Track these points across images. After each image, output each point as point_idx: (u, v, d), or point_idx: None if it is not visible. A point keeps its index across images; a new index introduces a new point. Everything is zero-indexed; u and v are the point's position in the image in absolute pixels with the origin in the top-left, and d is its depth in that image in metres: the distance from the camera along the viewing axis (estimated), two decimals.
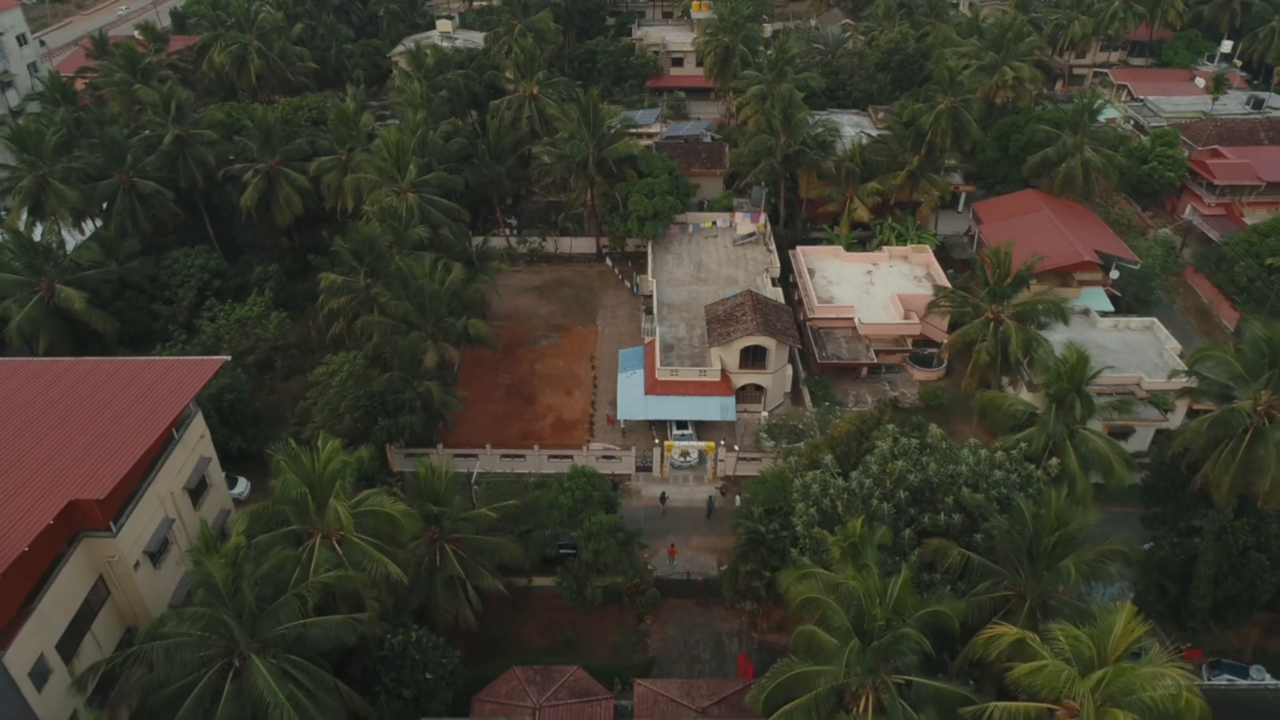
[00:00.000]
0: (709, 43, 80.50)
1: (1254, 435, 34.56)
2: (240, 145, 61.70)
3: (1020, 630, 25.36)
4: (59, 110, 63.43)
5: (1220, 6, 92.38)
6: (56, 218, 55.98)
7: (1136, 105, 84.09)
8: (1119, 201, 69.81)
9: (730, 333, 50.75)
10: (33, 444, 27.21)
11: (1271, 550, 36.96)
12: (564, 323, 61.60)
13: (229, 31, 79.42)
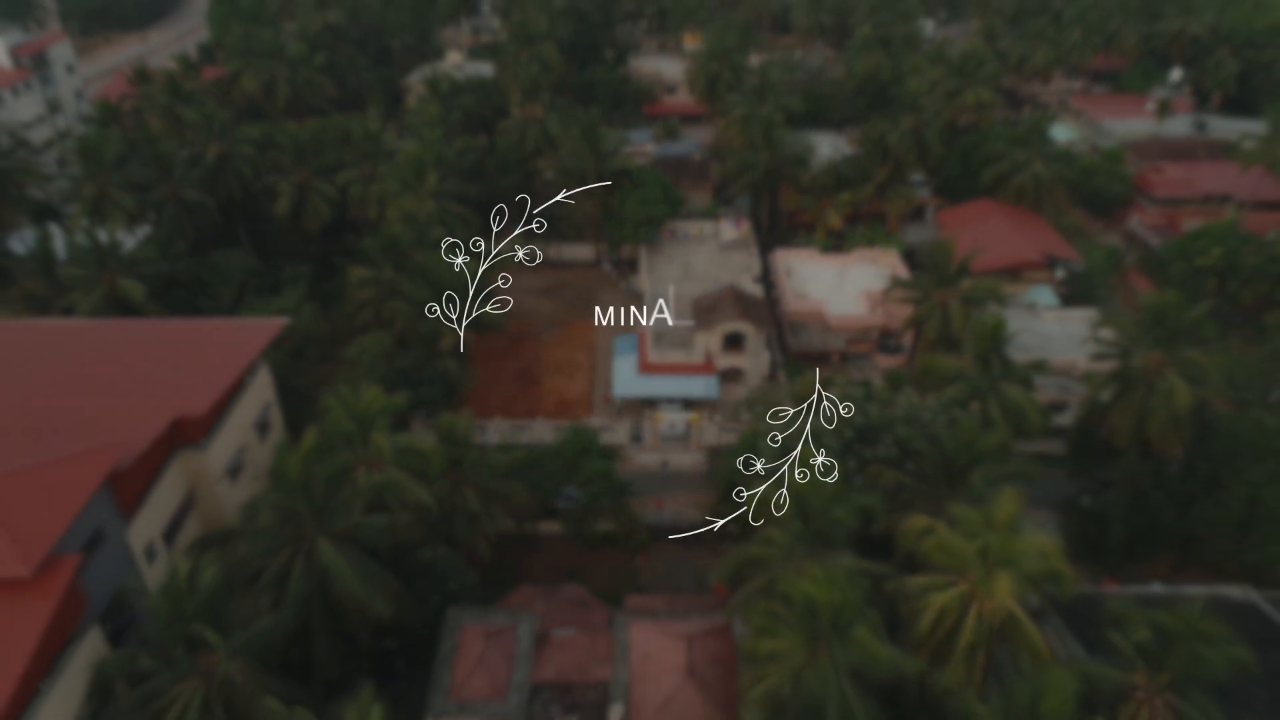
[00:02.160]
0: (698, 70, 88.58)
1: (1147, 387, 41.36)
2: (274, 160, 69.20)
3: (931, 519, 31.98)
4: (112, 129, 70.89)
5: (1171, 39, 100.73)
6: (112, 221, 63.06)
7: (1092, 127, 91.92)
8: (1071, 211, 77.24)
9: (713, 320, 57.74)
10: (144, 378, 33.99)
11: (1169, 490, 43.66)
12: (566, 318, 68.66)
13: (260, 61, 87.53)
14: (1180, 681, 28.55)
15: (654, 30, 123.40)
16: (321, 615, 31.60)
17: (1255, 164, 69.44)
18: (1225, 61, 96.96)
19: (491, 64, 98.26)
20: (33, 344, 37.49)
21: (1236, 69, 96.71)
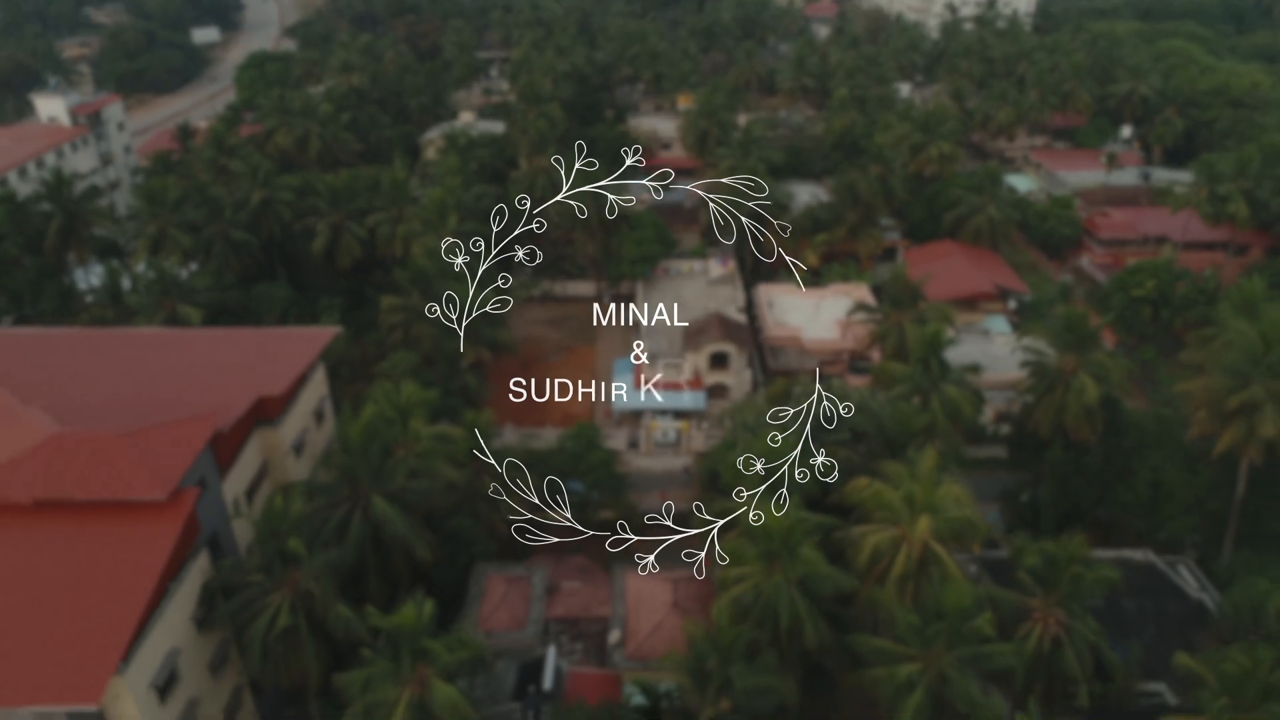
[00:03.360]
0: (690, 127, 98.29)
1: (1063, 386, 49.25)
2: (311, 204, 78.05)
3: (871, 479, 39.52)
4: (170, 177, 79.89)
5: (1122, 100, 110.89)
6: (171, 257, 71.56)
7: (1049, 178, 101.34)
8: (1026, 250, 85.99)
9: (701, 341, 65.83)
10: (232, 369, 41.83)
11: (1088, 477, 51.18)
12: (570, 345, 76.78)
13: (294, 119, 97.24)
14: (1066, 599, 35.86)
15: (650, 92, 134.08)
16: (374, 557, 38.97)
17: (1184, 207, 78.29)
18: (1172, 119, 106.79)
19: (501, 122, 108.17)
20: (144, 343, 45.66)
21: (1182, 126, 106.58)
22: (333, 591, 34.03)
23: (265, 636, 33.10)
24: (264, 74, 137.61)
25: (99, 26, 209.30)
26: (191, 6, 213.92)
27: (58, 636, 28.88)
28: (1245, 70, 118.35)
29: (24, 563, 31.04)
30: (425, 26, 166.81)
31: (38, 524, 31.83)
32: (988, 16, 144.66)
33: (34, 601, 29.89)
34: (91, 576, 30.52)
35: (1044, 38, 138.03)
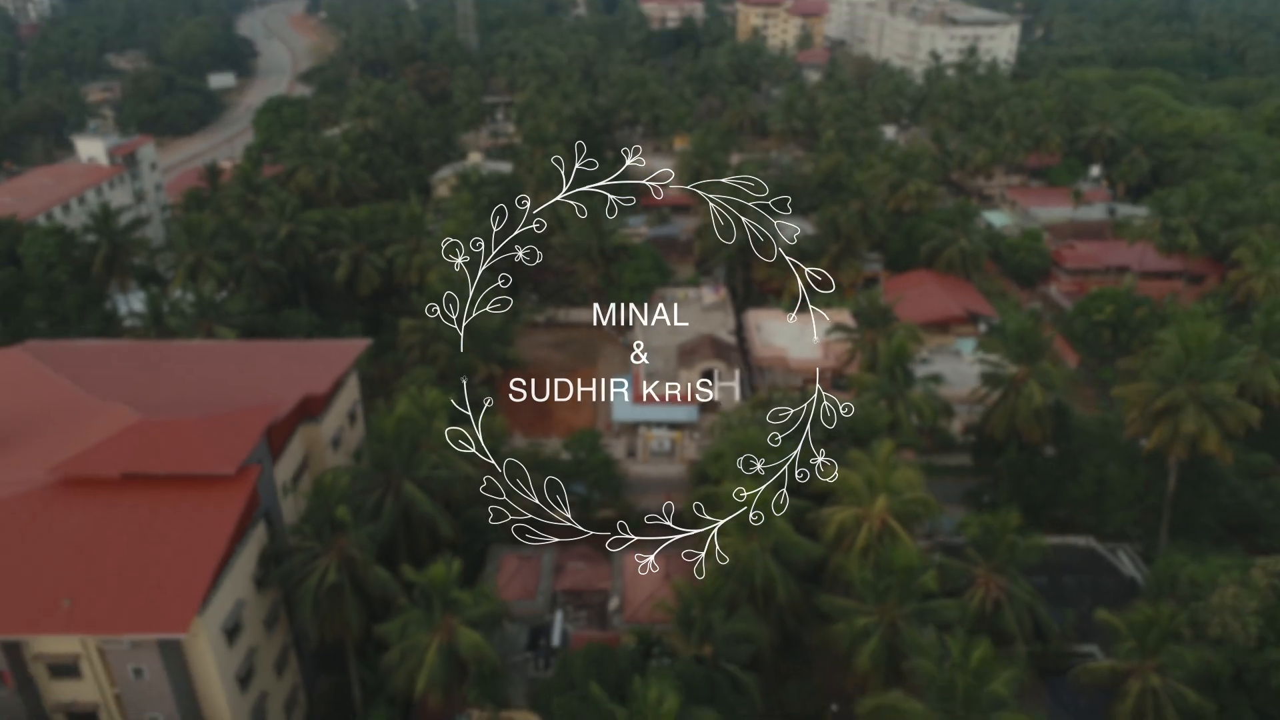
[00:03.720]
0: (685, 166, 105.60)
1: (1015, 392, 55.38)
2: (334, 237, 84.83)
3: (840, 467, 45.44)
4: (205, 212, 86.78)
5: (1091, 141, 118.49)
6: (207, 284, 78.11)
7: (1022, 214, 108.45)
8: (998, 279, 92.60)
9: (693, 360, 72.08)
10: (281, 372, 47.96)
11: (1040, 476, 57.05)
12: (573, 366, 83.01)
13: (315, 159, 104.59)
14: (1004, 565, 41.61)
15: (649, 134, 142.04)
16: (403, 534, 44.81)
17: (1140, 239, 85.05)
18: (1138, 159, 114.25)
19: (508, 163, 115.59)
20: (198, 352, 52.04)
21: (1148, 165, 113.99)
22: (372, 556, 39.86)
23: (315, 592, 38.81)
24: (281, 117, 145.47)
25: (119, 72, 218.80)
26: (208, 53, 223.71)
27: (149, 584, 34.68)
28: (1208, 114, 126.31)
29: (116, 525, 36.89)
30: (434, 72, 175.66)
31: (126, 493, 37.75)
32: (969, 64, 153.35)
33: (127, 556, 35.72)
34: (174, 536, 36.38)
35: (1021, 84, 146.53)
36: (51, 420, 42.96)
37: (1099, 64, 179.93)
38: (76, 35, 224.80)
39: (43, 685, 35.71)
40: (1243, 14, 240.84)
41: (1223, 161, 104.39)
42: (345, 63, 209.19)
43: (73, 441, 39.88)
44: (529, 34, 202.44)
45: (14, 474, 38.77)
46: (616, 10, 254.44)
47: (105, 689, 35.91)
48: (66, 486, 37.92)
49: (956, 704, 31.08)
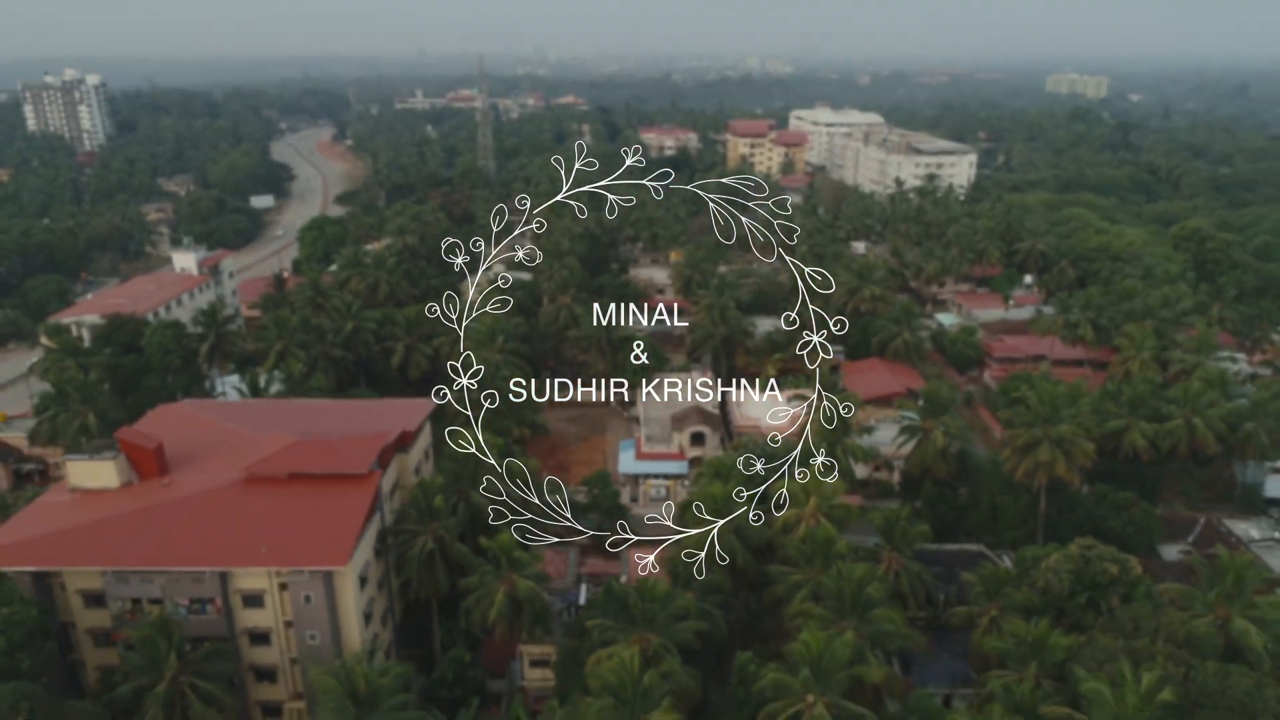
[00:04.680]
0: (678, 275, 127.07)
1: (924, 437, 74.12)
2: (389, 331, 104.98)
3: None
4: (284, 310, 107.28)
5: (1026, 254, 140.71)
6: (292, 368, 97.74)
7: (965, 315, 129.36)
8: (940, 366, 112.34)
9: (684, 424, 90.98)
10: (383, 417, 66.96)
11: (948, 503, 75.08)
12: (586, 435, 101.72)
13: (365, 269, 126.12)
14: (899, 544, 59.41)
15: (648, 249, 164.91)
16: (469, 527, 62.71)
17: (1048, 333, 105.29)
18: (1065, 270, 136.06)
19: (527, 273, 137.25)
20: (317, 407, 71.22)
21: (1074, 275, 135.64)
22: (454, 536, 57.91)
23: (417, 559, 56.65)
24: (324, 234, 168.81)
25: (170, 194, 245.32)
26: (250, 177, 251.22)
27: (316, 539, 52.70)
28: (1130, 232, 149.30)
29: (289, 505, 55.11)
30: (457, 195, 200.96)
31: (293, 486, 56.14)
32: (927, 189, 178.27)
33: (298, 523, 53.86)
34: (328, 512, 54.61)
35: (970, 206, 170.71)
36: (225, 444, 61.76)
37: (1048, 188, 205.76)
38: (133, 163, 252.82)
39: (237, 613, 53.14)
40: (1184, 143, 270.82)
41: (1129, 271, 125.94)
42: (375, 187, 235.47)
43: (244, 457, 58.56)
44: (541, 161, 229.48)
45: (214, 476, 57.33)
46: (618, 139, 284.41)
47: (279, 617, 53.33)
48: (253, 481, 56.39)
49: (845, 605, 48.68)
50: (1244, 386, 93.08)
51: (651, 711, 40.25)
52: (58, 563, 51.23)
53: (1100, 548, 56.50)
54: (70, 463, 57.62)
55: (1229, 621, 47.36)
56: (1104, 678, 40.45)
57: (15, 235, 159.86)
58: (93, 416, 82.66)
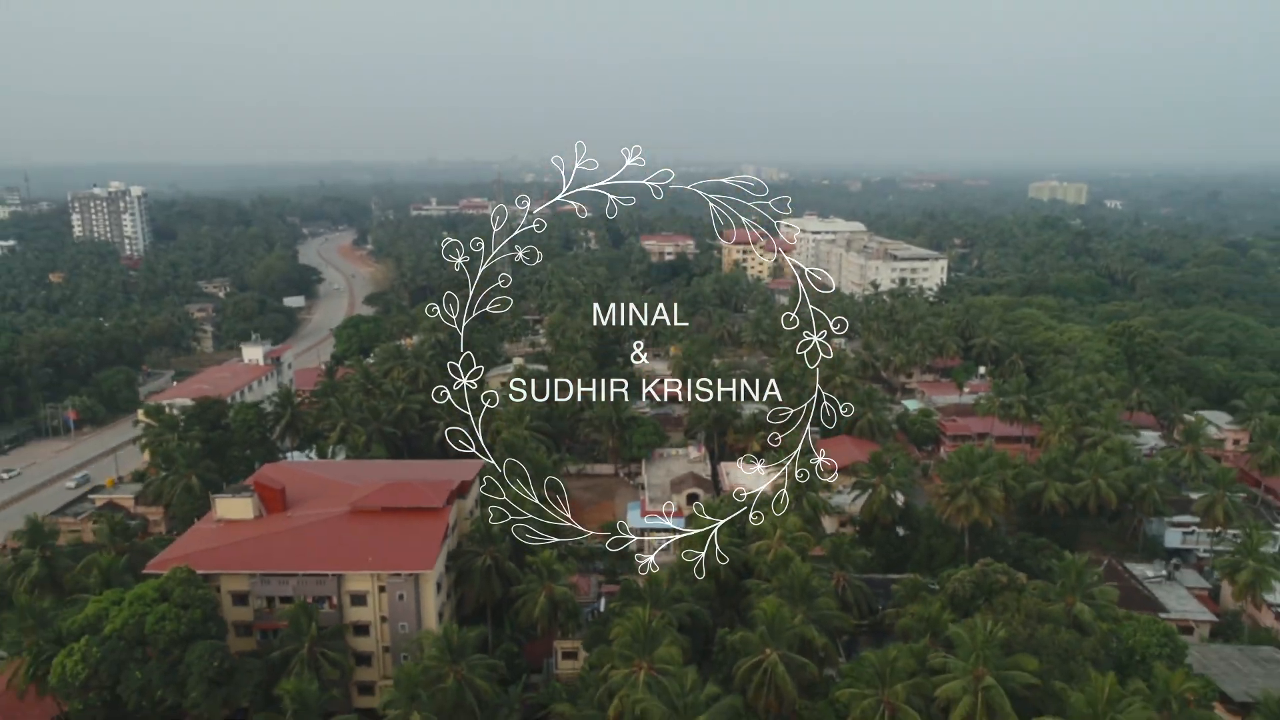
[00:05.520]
0: (677, 368, 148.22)
1: (872, 490, 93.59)
2: (432, 412, 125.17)
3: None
4: (345, 393, 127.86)
5: (981, 348, 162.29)
6: (354, 442, 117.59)
7: (926, 399, 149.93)
8: (904, 443, 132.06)
9: (682, 487, 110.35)
10: (438, 472, 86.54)
11: (894, 544, 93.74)
12: (598, 500, 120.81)
13: (406, 360, 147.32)
14: (844, 563, 78.18)
15: (649, 344, 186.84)
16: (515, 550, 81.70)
17: (988, 413, 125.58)
18: (1016, 362, 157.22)
19: (542, 365, 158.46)
20: (389, 465, 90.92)
21: (1023, 366, 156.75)
22: (506, 556, 77.01)
23: (479, 571, 75.54)
24: (358, 331, 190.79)
25: (210, 295, 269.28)
26: (283, 279, 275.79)
27: (407, 552, 71.82)
28: (1073, 329, 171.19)
29: (385, 529, 74.41)
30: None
31: (386, 516, 75.59)
32: (898, 291, 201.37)
33: (393, 542, 73.07)
34: (415, 534, 73.87)
35: (937, 306, 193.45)
36: (326, 490, 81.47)
37: (1013, 290, 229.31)
38: (176, 267, 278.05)
39: (345, 609, 71.77)
40: (1144, 249, 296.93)
41: (1066, 362, 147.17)
42: (401, 289, 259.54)
43: (343, 498, 78.22)
44: (553, 265, 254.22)
45: (324, 511, 76.88)
46: (622, 246, 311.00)
47: (377, 612, 71.93)
48: (355, 513, 75.91)
49: (795, 594, 67.39)
50: (1151, 456, 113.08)
51: (657, 649, 58.80)
52: (221, 568, 70.28)
53: (995, 564, 75.53)
54: (218, 500, 77.30)
55: (1073, 605, 66.22)
56: (965, 627, 59.22)
57: (88, 333, 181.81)
58: (195, 479, 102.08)
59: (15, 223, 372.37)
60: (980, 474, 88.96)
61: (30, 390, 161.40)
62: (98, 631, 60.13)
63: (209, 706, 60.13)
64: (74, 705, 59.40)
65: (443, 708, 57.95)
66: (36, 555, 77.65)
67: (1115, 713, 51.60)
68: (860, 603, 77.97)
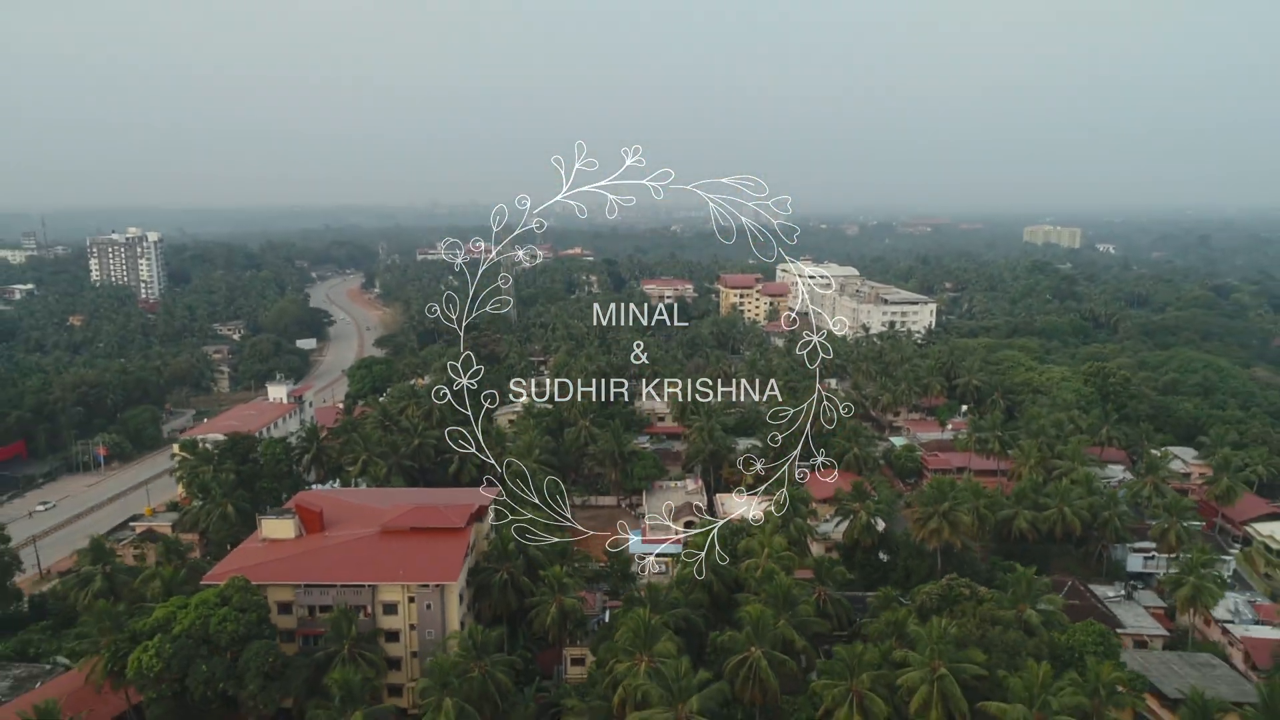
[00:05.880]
0: (675, 405, 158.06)
1: (853, 516, 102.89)
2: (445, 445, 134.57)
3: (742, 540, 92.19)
4: (365, 429, 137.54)
5: (964, 388, 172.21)
6: (374, 473, 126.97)
7: (911, 436, 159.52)
8: (890, 476, 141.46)
9: (679, 515, 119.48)
10: (458, 499, 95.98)
11: (875, 565, 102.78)
12: (602, 529, 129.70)
13: (420, 399, 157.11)
14: (825, 579, 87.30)
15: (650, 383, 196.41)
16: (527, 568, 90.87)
17: (966, 449, 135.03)
18: (997, 401, 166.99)
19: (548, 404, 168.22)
20: (414, 493, 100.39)
21: (1004, 405, 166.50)
22: (520, 572, 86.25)
23: (497, 585, 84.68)
24: (371, 372, 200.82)
25: (224, 337, 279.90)
26: (296, 322, 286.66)
27: (434, 565, 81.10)
28: (1053, 370, 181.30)
29: (411, 547, 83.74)
30: (485, 339, 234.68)
31: (413, 536, 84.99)
32: (887, 334, 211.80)
33: (421, 557, 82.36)
34: (440, 550, 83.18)
35: (924, 348, 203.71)
36: (358, 514, 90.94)
37: (1000, 332, 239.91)
38: (193, 310, 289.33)
39: (378, 618, 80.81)
40: (1129, 292, 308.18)
41: (1042, 400, 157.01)
42: (409, 331, 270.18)
43: (374, 520, 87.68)
44: (557, 309, 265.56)
45: (357, 531, 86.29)
46: (623, 289, 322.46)
47: (406, 620, 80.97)
48: (386, 533, 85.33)
49: (779, 601, 76.45)
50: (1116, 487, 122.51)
51: (656, 644, 67.87)
52: (269, 579, 79.49)
53: (959, 579, 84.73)
54: (264, 520, 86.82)
55: (1024, 612, 75.40)
56: (924, 627, 68.41)
57: (115, 373, 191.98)
58: (231, 507, 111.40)
59: (33, 267, 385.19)
60: (949, 500, 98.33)
61: (63, 428, 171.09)
62: (168, 631, 69.28)
63: (264, 698, 69.07)
64: (148, 695, 68.33)
65: (469, 696, 66.88)
66: (99, 571, 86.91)
67: (1048, 695, 60.68)
68: (839, 614, 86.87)
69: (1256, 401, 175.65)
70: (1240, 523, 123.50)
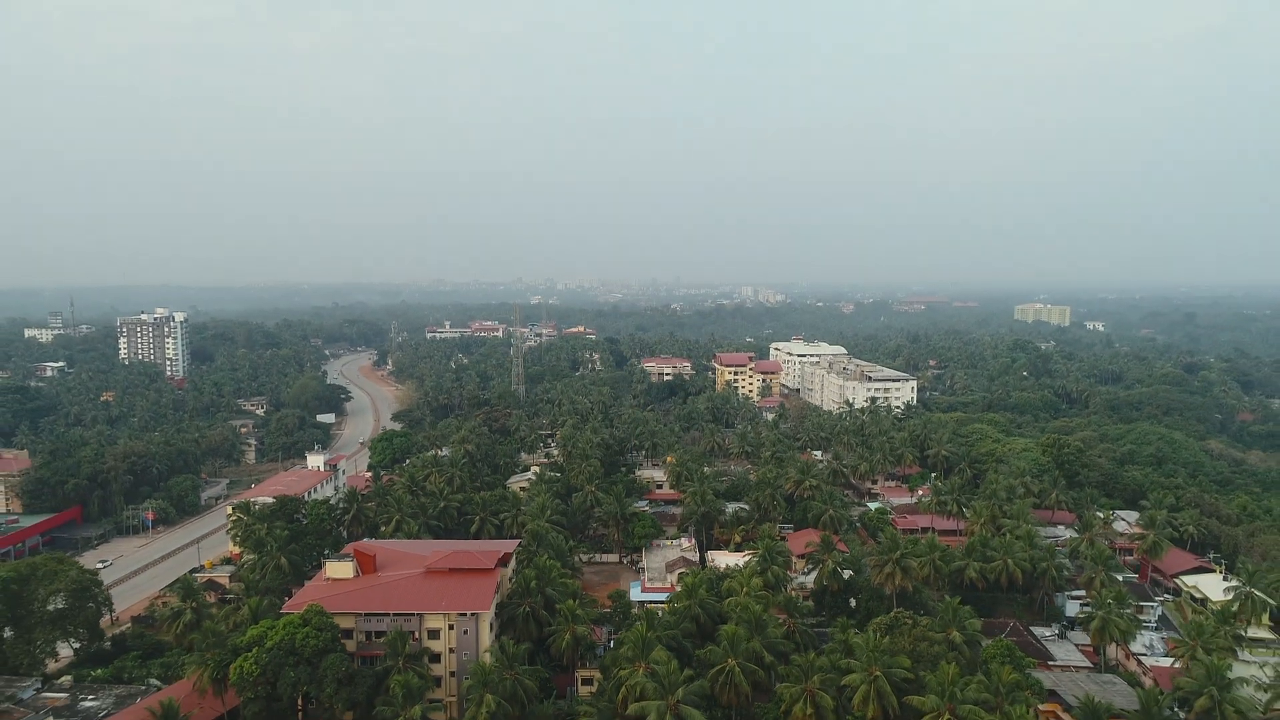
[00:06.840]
0: (672, 474, 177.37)
1: (821, 562, 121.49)
2: (469, 509, 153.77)
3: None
4: (396, 491, 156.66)
5: (934, 457, 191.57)
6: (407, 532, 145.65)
7: (885, 501, 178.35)
8: (865, 537, 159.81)
9: (675, 567, 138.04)
10: (484, 548, 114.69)
11: (841, 609, 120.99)
12: (606, 582, 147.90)
13: (442, 468, 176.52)
14: (794, 614, 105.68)
15: (650, 454, 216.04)
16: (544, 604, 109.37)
17: (928, 511, 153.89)
18: (964, 469, 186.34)
19: (556, 472, 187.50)
20: (448, 544, 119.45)
21: (971, 472, 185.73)
22: (541, 605, 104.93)
23: (521, 617, 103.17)
24: (391, 444, 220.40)
25: (249, 412, 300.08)
26: (316, 398, 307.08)
27: (469, 598, 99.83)
28: (1017, 441, 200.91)
29: (451, 584, 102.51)
30: (496, 413, 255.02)
31: (454, 576, 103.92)
32: (869, 409, 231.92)
33: (458, 592, 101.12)
34: (474, 586, 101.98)
35: (899, 421, 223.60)
36: (403, 559, 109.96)
37: (976, 407, 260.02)
38: (219, 386, 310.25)
39: (424, 641, 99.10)
40: (1104, 370, 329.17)
41: (1003, 469, 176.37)
42: (424, 406, 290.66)
43: (417, 564, 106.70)
44: (562, 385, 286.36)
45: (405, 572, 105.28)
46: (625, 367, 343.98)
47: (447, 644, 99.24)
48: (429, 573, 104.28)
49: (752, 624, 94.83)
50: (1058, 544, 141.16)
51: (652, 653, 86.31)
52: (336, 609, 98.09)
53: (904, 612, 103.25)
54: (328, 562, 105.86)
55: (950, 634, 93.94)
56: (863, 639, 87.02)
57: (159, 445, 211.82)
58: (284, 559, 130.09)
59: (62, 345, 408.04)
60: (901, 549, 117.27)
61: (114, 494, 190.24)
62: (262, 646, 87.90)
63: (337, 701, 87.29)
64: (245, 696, 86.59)
65: (503, 695, 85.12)
66: (188, 606, 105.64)
67: (956, 690, 79.12)
68: (805, 641, 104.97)
69: (1205, 471, 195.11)
70: (1171, 575, 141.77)
